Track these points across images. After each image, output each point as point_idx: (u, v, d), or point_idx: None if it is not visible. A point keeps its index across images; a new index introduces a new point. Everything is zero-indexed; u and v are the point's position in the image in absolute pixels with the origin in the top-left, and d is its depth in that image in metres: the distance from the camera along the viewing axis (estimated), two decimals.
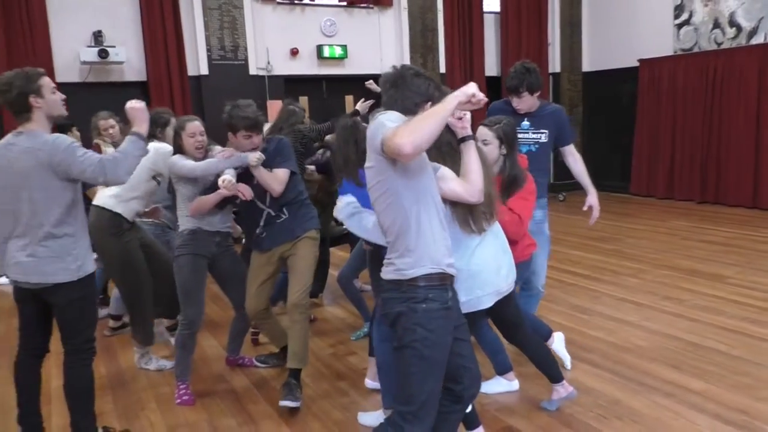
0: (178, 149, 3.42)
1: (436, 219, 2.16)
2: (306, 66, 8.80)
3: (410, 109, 2.15)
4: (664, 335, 4.07)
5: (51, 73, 7.12)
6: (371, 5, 9.06)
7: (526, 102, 3.66)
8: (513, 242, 2.89)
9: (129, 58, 7.57)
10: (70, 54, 7.25)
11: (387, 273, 2.18)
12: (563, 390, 3.10)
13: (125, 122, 4.36)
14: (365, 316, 4.35)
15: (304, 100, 8.91)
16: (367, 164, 2.16)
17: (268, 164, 3.31)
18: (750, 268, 5.51)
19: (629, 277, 5.46)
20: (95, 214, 3.71)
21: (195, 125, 3.41)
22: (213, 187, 3.31)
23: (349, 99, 9.44)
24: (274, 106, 8.14)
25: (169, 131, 3.75)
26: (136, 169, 3.62)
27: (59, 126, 5.61)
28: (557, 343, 3.56)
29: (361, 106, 4.69)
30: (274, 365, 3.85)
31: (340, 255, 5.67)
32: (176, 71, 7.82)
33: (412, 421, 2.11)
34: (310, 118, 5.54)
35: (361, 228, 2.69)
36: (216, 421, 3.23)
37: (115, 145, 4.59)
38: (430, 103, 2.18)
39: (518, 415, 3.12)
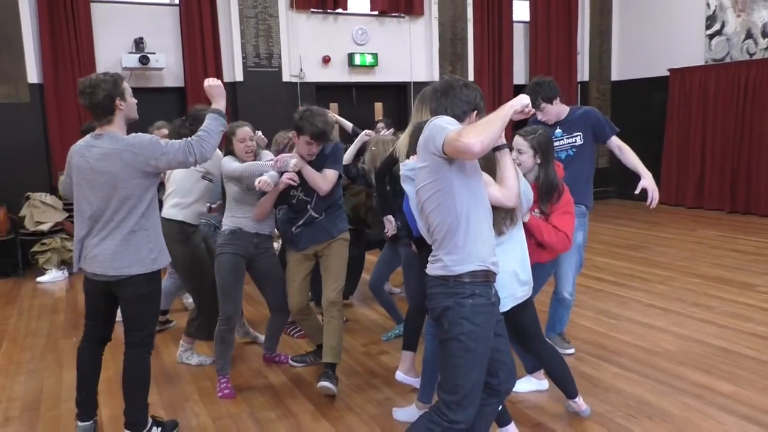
0: (230, 153, 3.59)
1: (485, 218, 2.28)
2: (337, 73, 8.98)
3: (459, 116, 2.29)
4: (693, 340, 4.13)
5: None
6: (402, 14, 9.22)
7: (550, 112, 3.77)
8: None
9: (168, 65, 7.81)
10: (112, 60, 7.51)
11: (434, 269, 2.29)
12: (576, 406, 3.14)
13: None
14: (397, 319, 4.47)
15: (334, 107, 9.08)
16: (419, 164, 2.28)
17: (320, 165, 3.46)
18: None
19: (657, 283, 5.50)
20: (166, 226, 3.91)
21: (245, 131, 3.58)
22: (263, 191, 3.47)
23: (378, 106, 9.60)
24: None
25: None
26: (186, 172, 3.79)
27: (90, 129, 5.83)
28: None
29: (384, 132, 4.87)
30: (311, 363, 3.98)
31: (368, 258, 5.80)
32: (213, 77, 8.03)
33: (456, 410, 2.22)
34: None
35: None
36: (257, 413, 3.37)
37: None
38: (476, 111, 2.32)
39: (549, 414, 3.21)
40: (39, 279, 6.53)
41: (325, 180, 3.44)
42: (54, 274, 6.60)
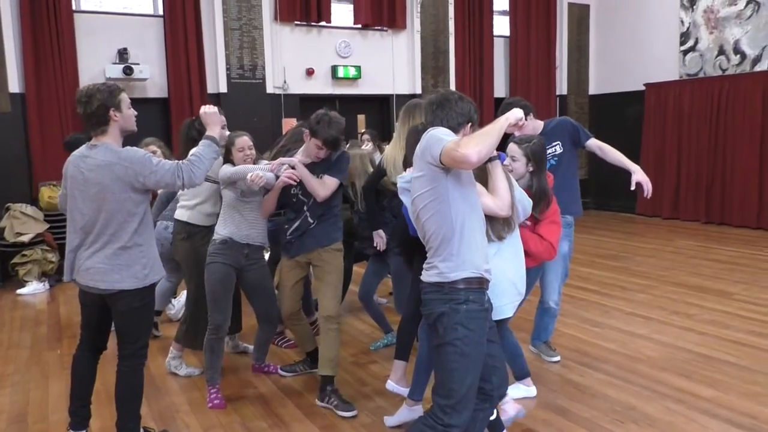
0: (229, 162, 3.62)
1: (479, 227, 2.35)
2: (321, 85, 9.04)
3: (453, 128, 2.36)
4: (674, 347, 4.24)
5: (77, 89, 7.36)
6: (385, 28, 9.33)
7: (526, 128, 3.83)
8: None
9: (152, 75, 7.80)
10: (96, 70, 7.49)
11: (429, 276, 2.36)
12: (510, 408, 3.08)
13: (169, 146, 4.60)
14: (385, 329, 4.51)
15: None
16: (416, 174, 2.35)
17: (323, 170, 3.49)
18: (756, 285, 5.69)
19: (638, 292, 5.62)
20: (175, 225, 4.02)
21: (244, 140, 3.62)
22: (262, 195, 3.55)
23: (361, 118, 9.67)
24: (289, 124, 8.38)
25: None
26: None
27: (74, 141, 5.81)
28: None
29: (367, 145, 5.01)
30: (300, 372, 4.00)
31: (356, 270, 5.84)
32: (197, 89, 8.05)
33: (451, 413, 2.28)
34: None
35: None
36: (248, 423, 3.38)
37: None
38: (470, 123, 2.40)
39: (538, 420, 3.28)
40: (19, 291, 6.44)
41: (323, 187, 3.46)
42: (35, 286, 6.51)
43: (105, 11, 7.76)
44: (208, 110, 3.02)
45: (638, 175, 3.69)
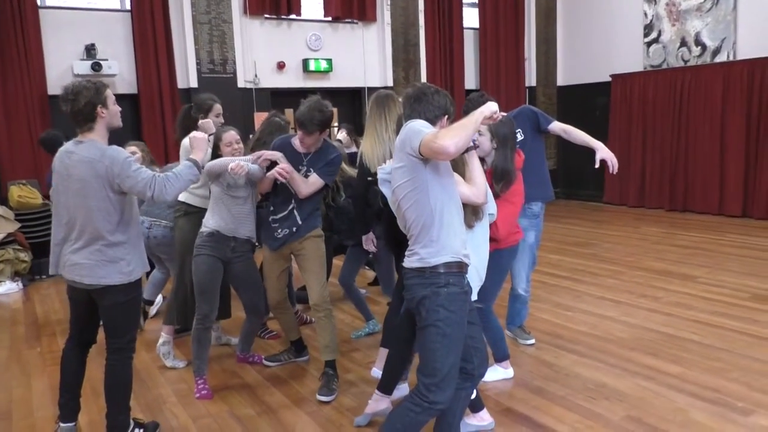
0: (218, 158, 3.65)
1: (456, 214, 2.47)
2: (292, 79, 9.06)
3: (431, 120, 2.47)
4: (642, 328, 4.44)
5: (44, 86, 7.28)
6: (355, 20, 9.38)
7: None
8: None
9: (121, 71, 7.75)
10: (63, 67, 7.38)
11: (411, 262, 2.47)
12: (478, 419, 3.09)
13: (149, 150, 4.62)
14: (366, 316, 4.60)
15: (289, 113, 9.12)
16: (396, 164, 2.45)
17: (314, 163, 3.56)
18: (718, 268, 5.95)
19: (607, 278, 5.83)
20: (175, 204, 4.10)
21: (231, 135, 3.67)
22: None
23: (332, 111, 9.69)
24: (261, 118, 8.38)
25: (212, 118, 4.09)
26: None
27: (50, 138, 5.75)
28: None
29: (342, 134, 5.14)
30: (285, 362, 4.07)
31: (335, 263, 5.92)
32: (166, 84, 8.00)
33: (435, 391, 2.40)
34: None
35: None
36: (236, 411, 3.45)
37: None
38: (447, 116, 2.50)
39: (516, 399, 3.43)
40: None
41: (306, 185, 3.52)
42: (8, 286, 6.44)
43: (71, 6, 7.65)
44: (197, 135, 3.08)
45: (602, 152, 3.74)
